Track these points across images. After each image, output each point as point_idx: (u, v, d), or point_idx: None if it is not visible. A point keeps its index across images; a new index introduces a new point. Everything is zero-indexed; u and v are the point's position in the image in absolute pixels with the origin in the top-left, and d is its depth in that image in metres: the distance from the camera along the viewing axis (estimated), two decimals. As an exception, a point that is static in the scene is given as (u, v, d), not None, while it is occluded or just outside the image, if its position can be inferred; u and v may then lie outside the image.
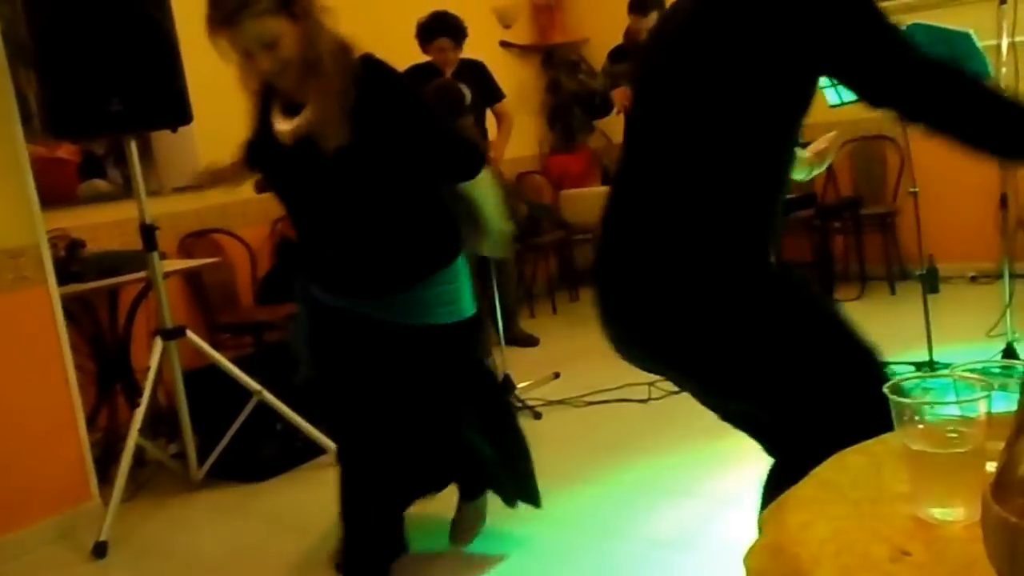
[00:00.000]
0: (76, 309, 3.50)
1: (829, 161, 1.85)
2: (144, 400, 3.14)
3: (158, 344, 3.20)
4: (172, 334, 3.24)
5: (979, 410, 0.86)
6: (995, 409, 0.87)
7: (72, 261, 3.35)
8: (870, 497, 0.94)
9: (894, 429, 0.90)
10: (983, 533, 0.72)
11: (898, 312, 4.64)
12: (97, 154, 3.96)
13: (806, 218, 5.10)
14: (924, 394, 0.93)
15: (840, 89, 3.10)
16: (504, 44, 6.09)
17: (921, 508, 0.88)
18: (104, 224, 3.84)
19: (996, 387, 0.89)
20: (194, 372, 3.45)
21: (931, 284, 4.60)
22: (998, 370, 0.96)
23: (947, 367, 1.01)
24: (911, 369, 3.48)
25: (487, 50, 5.50)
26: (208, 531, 3.10)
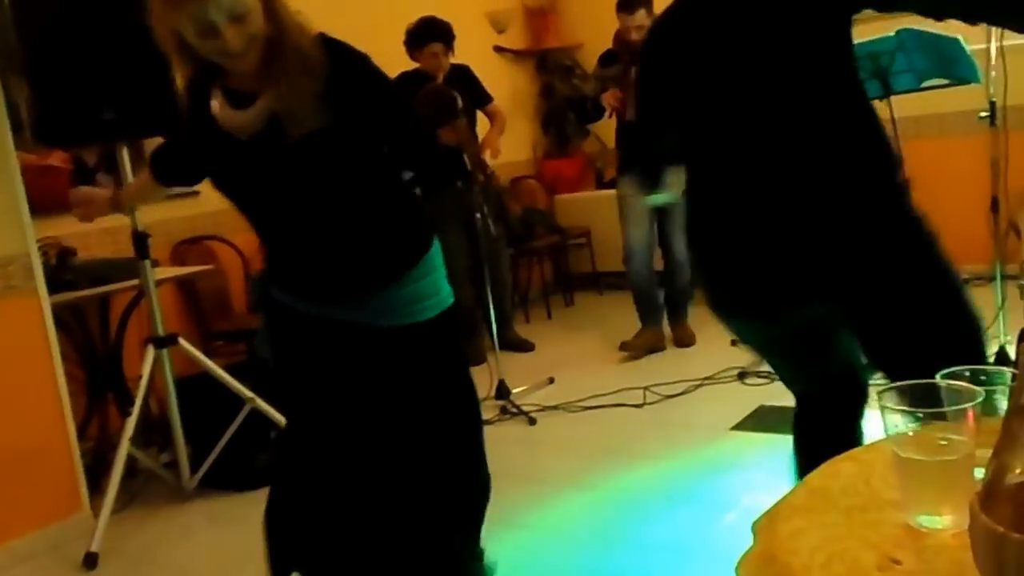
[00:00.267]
0: (67, 317, 3.48)
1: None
2: (136, 409, 3.12)
3: (150, 352, 3.18)
4: (164, 342, 3.23)
5: (969, 417, 0.86)
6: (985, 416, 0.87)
7: (63, 269, 3.34)
8: (860, 505, 0.94)
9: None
10: (971, 542, 0.72)
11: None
12: (88, 164, 3.95)
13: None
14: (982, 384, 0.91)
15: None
16: (498, 49, 6.11)
17: (911, 515, 0.88)
18: (96, 232, 3.81)
19: (985, 393, 0.89)
20: (186, 380, 3.43)
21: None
22: (988, 376, 0.96)
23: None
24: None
25: (481, 55, 5.51)
26: (201, 541, 3.09)
